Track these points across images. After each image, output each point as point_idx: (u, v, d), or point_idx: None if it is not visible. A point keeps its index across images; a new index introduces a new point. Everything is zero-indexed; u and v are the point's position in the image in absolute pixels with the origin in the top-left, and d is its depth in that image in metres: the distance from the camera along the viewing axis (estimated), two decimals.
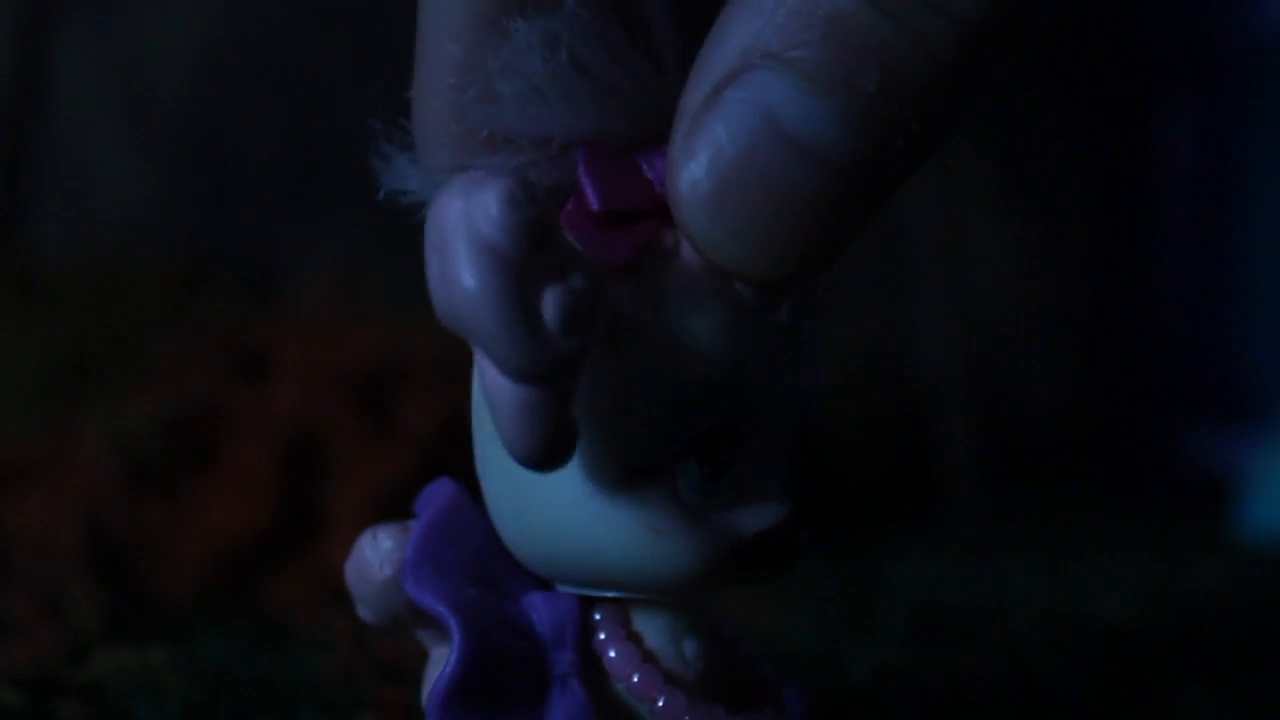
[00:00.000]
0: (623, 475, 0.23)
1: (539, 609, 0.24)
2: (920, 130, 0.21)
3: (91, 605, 0.49)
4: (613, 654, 0.24)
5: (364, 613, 0.25)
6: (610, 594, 0.24)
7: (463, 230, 0.20)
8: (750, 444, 0.23)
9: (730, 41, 0.22)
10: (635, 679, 0.24)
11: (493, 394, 0.21)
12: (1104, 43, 1.07)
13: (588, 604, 0.24)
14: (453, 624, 0.23)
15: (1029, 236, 1.07)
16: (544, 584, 0.24)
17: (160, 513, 0.53)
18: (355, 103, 0.23)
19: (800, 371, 0.24)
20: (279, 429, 0.55)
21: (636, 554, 0.23)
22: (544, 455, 0.22)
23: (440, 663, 0.24)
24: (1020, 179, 1.06)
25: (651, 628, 0.24)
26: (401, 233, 0.23)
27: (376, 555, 0.24)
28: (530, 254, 0.20)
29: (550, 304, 0.21)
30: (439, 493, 0.25)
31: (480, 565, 0.24)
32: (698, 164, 0.22)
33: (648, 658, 0.24)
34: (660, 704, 0.23)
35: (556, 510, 0.23)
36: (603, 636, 0.24)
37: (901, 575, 0.62)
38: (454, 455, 0.26)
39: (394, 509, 0.25)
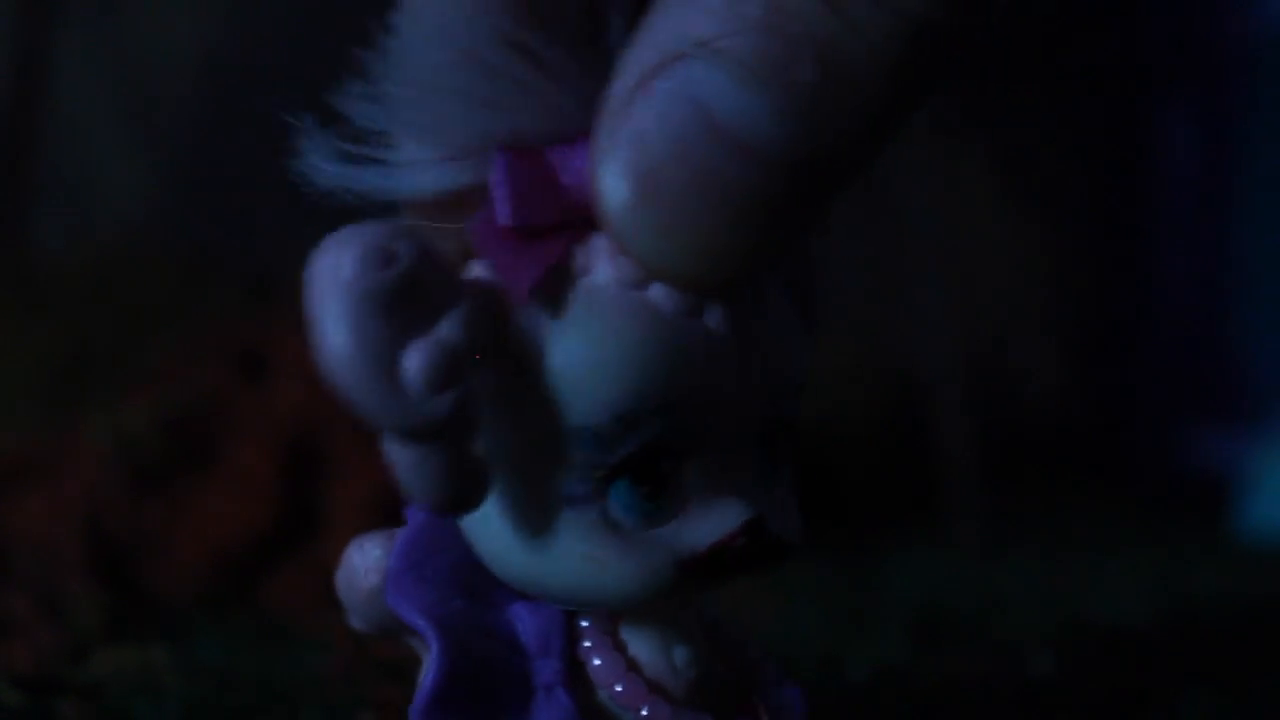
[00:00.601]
0: (554, 506, 0.22)
1: (524, 619, 0.24)
2: (858, 130, 0.20)
3: (91, 605, 0.49)
4: (598, 663, 0.24)
5: (354, 621, 0.25)
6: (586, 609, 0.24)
7: (325, 298, 0.20)
8: (701, 455, 0.23)
9: (662, 28, 0.20)
10: (619, 688, 0.23)
11: (387, 451, 0.21)
12: (1104, 43, 1.07)
13: (574, 614, 0.24)
14: (431, 636, 0.23)
15: (1029, 236, 1.07)
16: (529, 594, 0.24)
17: (160, 513, 0.53)
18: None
19: (752, 375, 0.23)
20: (279, 429, 0.55)
21: (577, 582, 0.23)
22: (447, 503, 0.21)
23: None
24: (1020, 179, 1.06)
25: (639, 636, 0.24)
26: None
27: (364, 564, 0.24)
28: (389, 318, 0.20)
29: (412, 364, 0.20)
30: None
31: (465, 575, 0.24)
32: (623, 157, 0.20)
33: (632, 666, 0.24)
34: (644, 713, 0.23)
35: (500, 539, 0.23)
36: (588, 645, 0.24)
37: (901, 575, 0.62)
38: None
39: (393, 509, 0.25)
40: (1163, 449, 1.01)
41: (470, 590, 0.24)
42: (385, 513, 0.25)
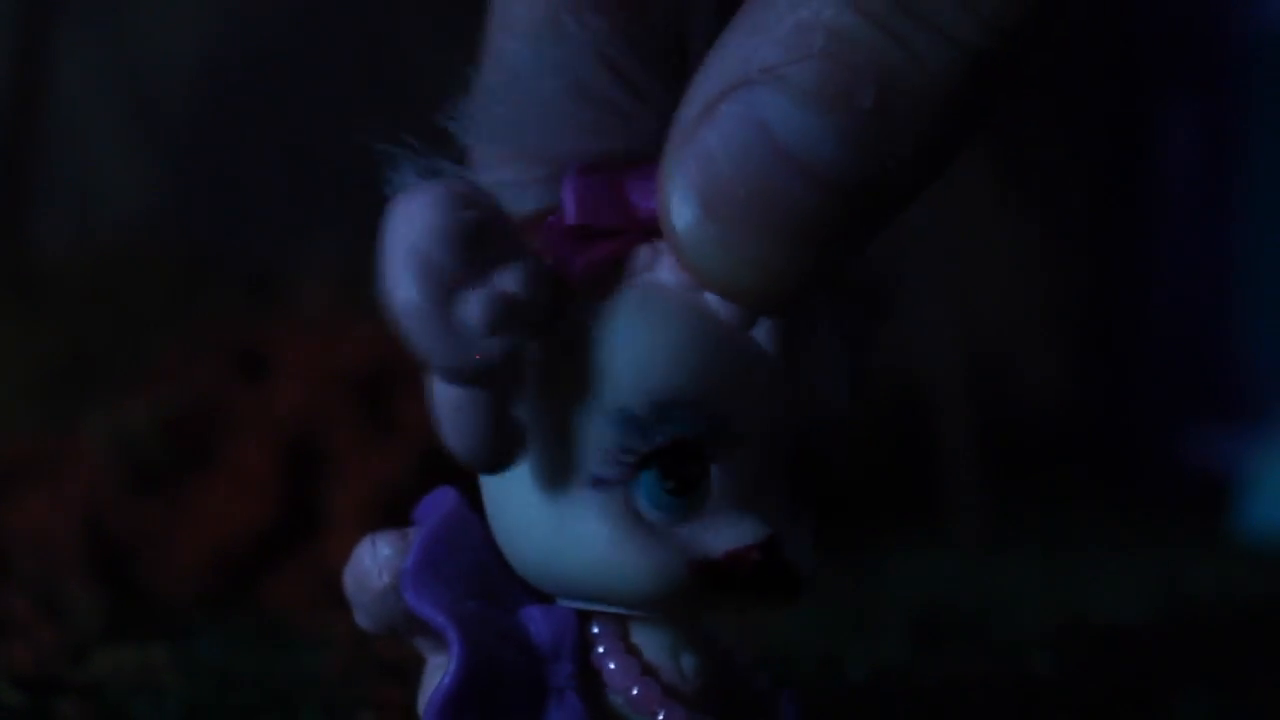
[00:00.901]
0: (582, 484, 0.23)
1: (537, 621, 0.24)
2: (915, 154, 0.21)
3: (91, 605, 0.49)
4: (613, 666, 0.24)
5: (361, 620, 0.25)
6: (601, 608, 0.24)
7: (398, 235, 0.21)
8: (729, 464, 0.23)
9: (729, 56, 0.21)
10: (635, 691, 0.23)
11: (432, 393, 0.22)
12: (1104, 42, 1.07)
13: (586, 618, 0.24)
14: (452, 635, 0.23)
15: (1029, 236, 1.07)
16: (543, 597, 0.24)
17: (160, 513, 0.53)
18: (355, 102, 0.23)
19: (789, 400, 0.23)
20: (279, 429, 0.55)
21: (594, 564, 0.23)
22: (483, 455, 0.22)
23: (438, 671, 0.24)
24: (1020, 179, 1.06)
25: (649, 642, 0.24)
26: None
27: (375, 563, 0.24)
28: (458, 256, 0.21)
29: (473, 306, 0.21)
30: (441, 502, 0.25)
31: (481, 577, 0.24)
32: (689, 175, 0.21)
33: (648, 670, 0.24)
34: (660, 717, 0.23)
35: (525, 514, 0.23)
36: (601, 650, 0.24)
37: (901, 575, 0.62)
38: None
39: (394, 509, 0.25)
40: (1163, 449, 1.01)
41: (485, 593, 0.24)
42: (385, 513, 0.25)
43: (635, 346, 0.22)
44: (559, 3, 0.23)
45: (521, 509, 0.23)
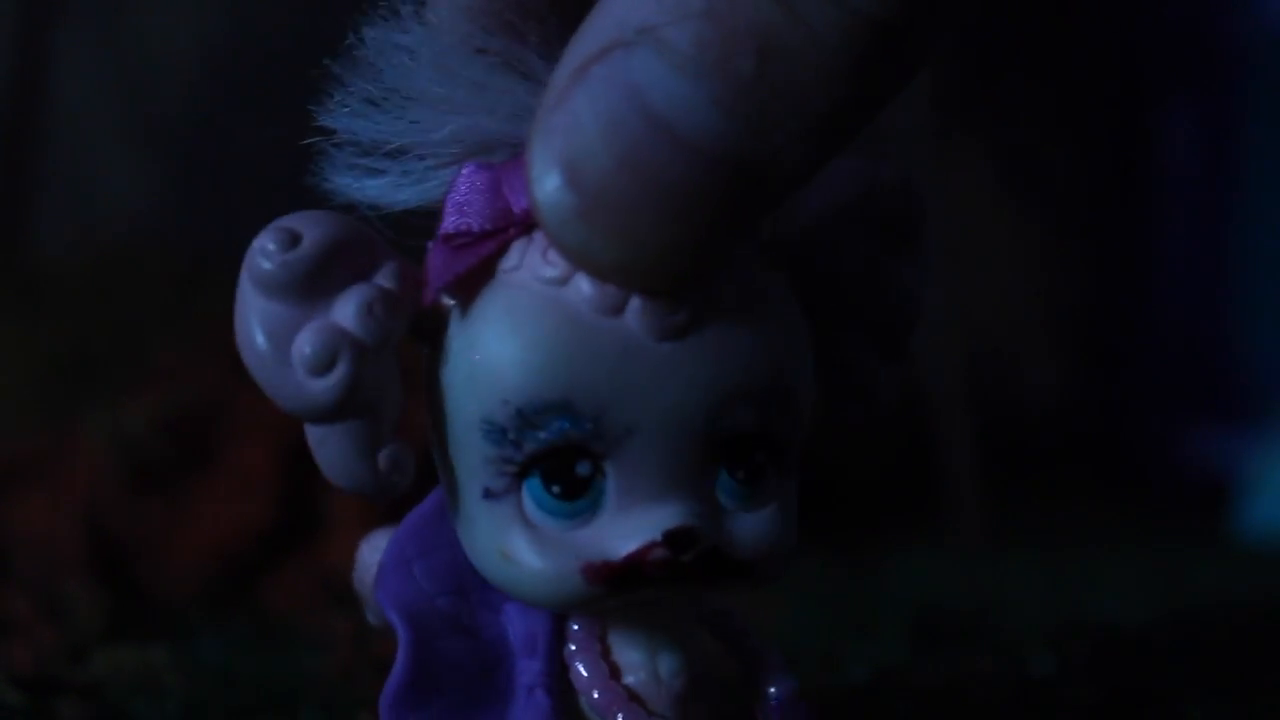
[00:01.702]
0: (478, 497, 0.23)
1: (513, 618, 0.24)
2: (801, 127, 0.19)
3: (91, 605, 0.49)
4: (579, 666, 0.23)
5: (370, 616, 0.26)
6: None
7: (240, 282, 0.22)
8: (620, 460, 0.22)
9: (607, 16, 0.20)
10: (596, 695, 0.23)
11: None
12: (1104, 42, 1.07)
13: (565, 616, 0.24)
14: (400, 630, 0.23)
15: (1029, 236, 1.07)
16: None
17: (160, 513, 0.53)
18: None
19: (688, 381, 0.22)
20: (279, 429, 0.55)
21: (497, 575, 0.23)
22: (361, 483, 0.22)
23: None
24: (1020, 179, 1.06)
25: (627, 641, 0.24)
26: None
27: (372, 559, 0.25)
28: (287, 296, 0.21)
29: (300, 349, 0.21)
30: (429, 499, 0.25)
31: (457, 573, 0.24)
32: (554, 143, 0.20)
33: (614, 673, 0.23)
34: None
35: (456, 528, 0.24)
36: (573, 648, 0.24)
37: (901, 575, 0.62)
38: None
39: (394, 509, 0.25)
40: (1163, 449, 1.01)
41: (461, 589, 0.24)
42: (385, 513, 0.25)
43: (497, 354, 0.22)
44: None
45: (452, 518, 0.24)
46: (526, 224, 0.22)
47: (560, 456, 0.22)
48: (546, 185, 0.20)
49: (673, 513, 0.22)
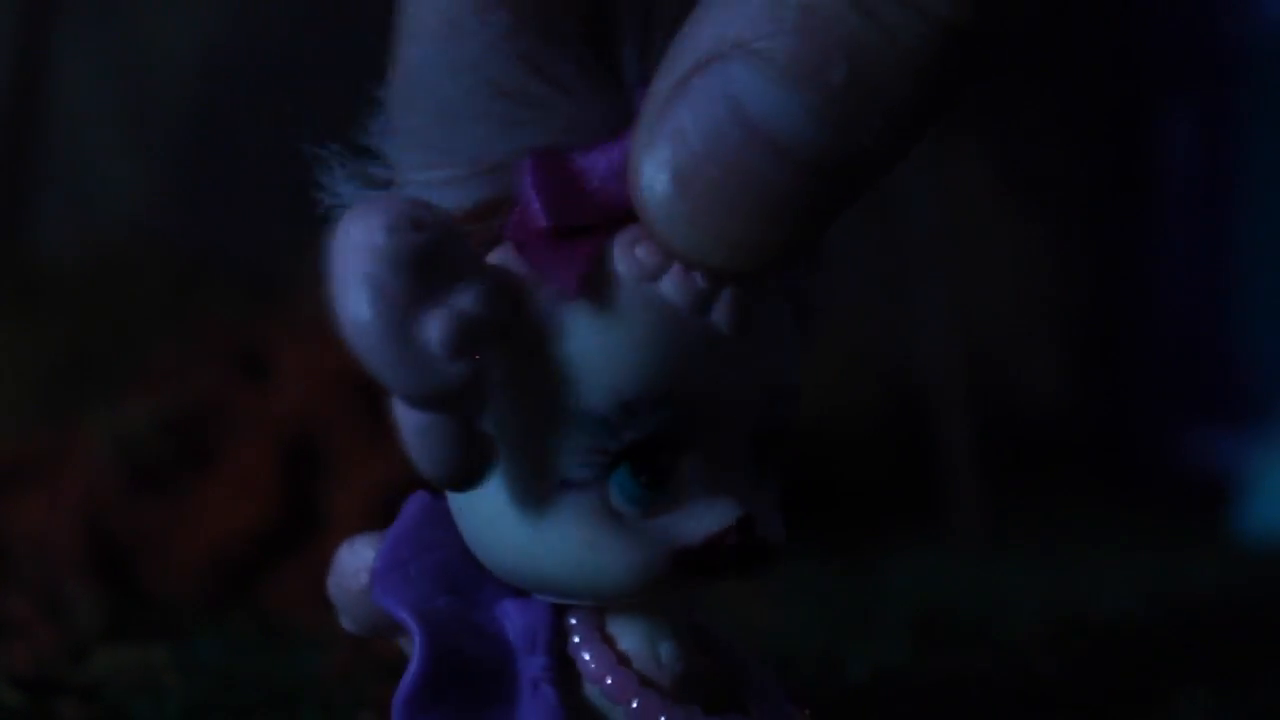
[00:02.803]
0: (554, 488, 0.23)
1: (512, 615, 0.24)
2: (886, 130, 0.21)
3: (91, 605, 0.49)
4: (587, 657, 0.24)
5: (345, 622, 0.26)
6: (575, 602, 0.24)
7: (349, 260, 0.21)
8: (698, 450, 0.23)
9: (702, 32, 0.21)
10: (609, 681, 0.24)
11: (397, 417, 0.22)
12: (1104, 42, 1.07)
13: (562, 609, 0.24)
14: (415, 630, 0.23)
15: (1029, 236, 1.07)
16: (518, 590, 0.24)
17: (160, 513, 0.53)
18: (355, 102, 0.23)
19: (749, 376, 0.23)
20: (279, 429, 0.55)
21: (572, 567, 0.23)
22: (452, 476, 0.22)
23: None
24: (1020, 179, 1.06)
25: (627, 632, 0.24)
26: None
27: (354, 564, 0.25)
28: (413, 281, 0.21)
29: (432, 331, 0.21)
30: (413, 503, 0.25)
31: (450, 574, 0.24)
32: (661, 151, 0.21)
33: (623, 660, 0.24)
34: (635, 705, 0.23)
35: (496, 523, 0.23)
36: (577, 640, 0.24)
37: (901, 575, 0.62)
38: None
39: (394, 509, 0.25)
40: (1163, 449, 1.01)
41: (456, 589, 0.24)
42: (385, 513, 0.25)
43: (599, 348, 0.22)
44: (461, 3, 0.23)
45: (493, 514, 0.23)
46: (615, 217, 0.23)
47: (650, 447, 0.23)
48: (657, 192, 0.22)
49: (738, 501, 0.23)
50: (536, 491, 0.23)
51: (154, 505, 0.53)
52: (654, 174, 0.21)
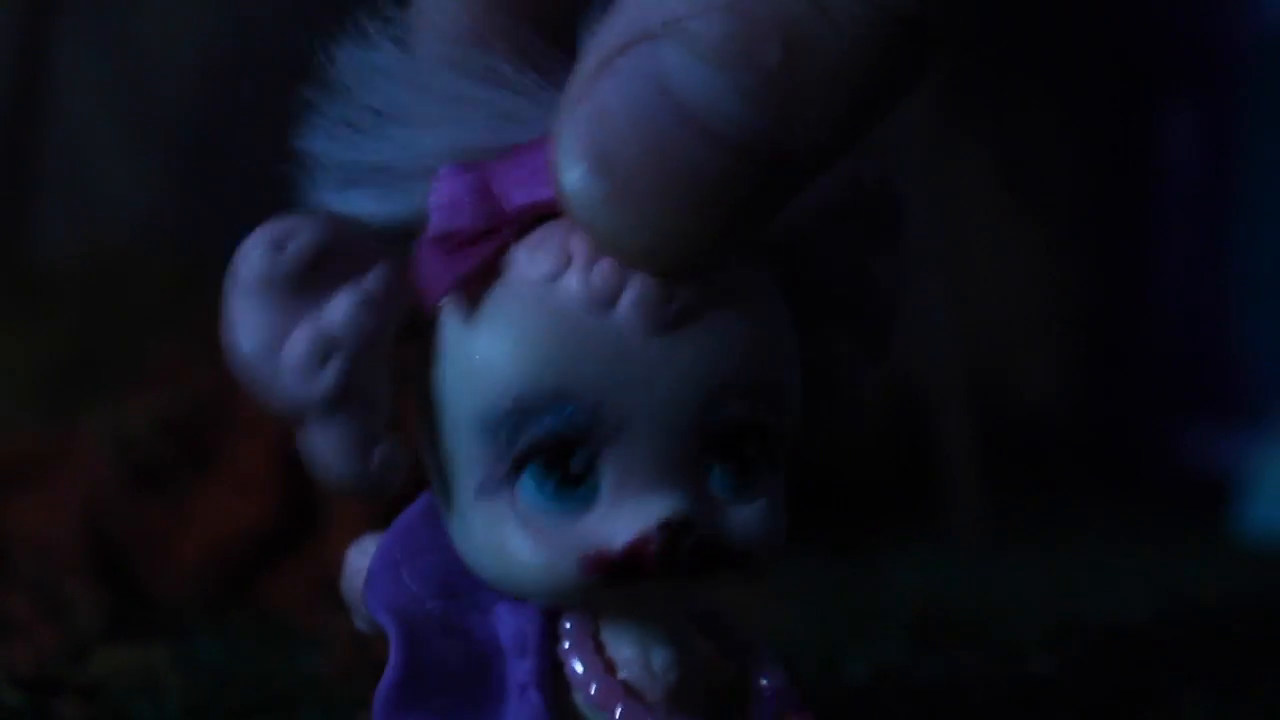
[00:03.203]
0: (469, 491, 0.23)
1: (504, 618, 0.24)
2: (824, 118, 0.20)
3: (91, 605, 0.49)
4: (575, 663, 0.23)
5: (358, 622, 0.26)
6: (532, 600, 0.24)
7: (228, 286, 0.22)
8: (616, 451, 0.22)
9: (631, 9, 0.20)
10: (593, 689, 0.23)
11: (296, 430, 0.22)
12: (1104, 42, 1.07)
13: (556, 613, 0.24)
14: (391, 632, 0.23)
15: (1029, 237, 1.07)
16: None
17: (160, 513, 0.53)
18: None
19: (681, 373, 0.22)
20: (279, 429, 0.54)
21: (494, 569, 0.23)
22: (353, 483, 0.22)
23: None
24: (1020, 179, 1.06)
25: (619, 638, 0.24)
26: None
27: (361, 564, 0.25)
28: (277, 299, 0.21)
29: (294, 345, 0.21)
30: (416, 504, 0.25)
31: (446, 576, 0.24)
32: (582, 132, 0.20)
33: (610, 668, 0.23)
34: (617, 714, 0.23)
35: (448, 526, 0.24)
36: (567, 645, 0.24)
37: (901, 575, 0.62)
38: None
39: (394, 509, 0.25)
40: (1163, 449, 1.01)
41: (452, 591, 0.24)
42: (385, 513, 0.25)
43: (493, 350, 0.22)
44: (424, 5, 0.23)
45: (444, 517, 0.24)
46: (520, 222, 0.22)
47: (556, 450, 0.22)
48: (575, 174, 0.20)
49: (668, 503, 0.22)
50: (458, 494, 0.23)
51: (154, 505, 0.53)
52: (572, 155, 0.20)
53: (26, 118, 0.75)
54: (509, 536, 0.22)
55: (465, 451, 0.23)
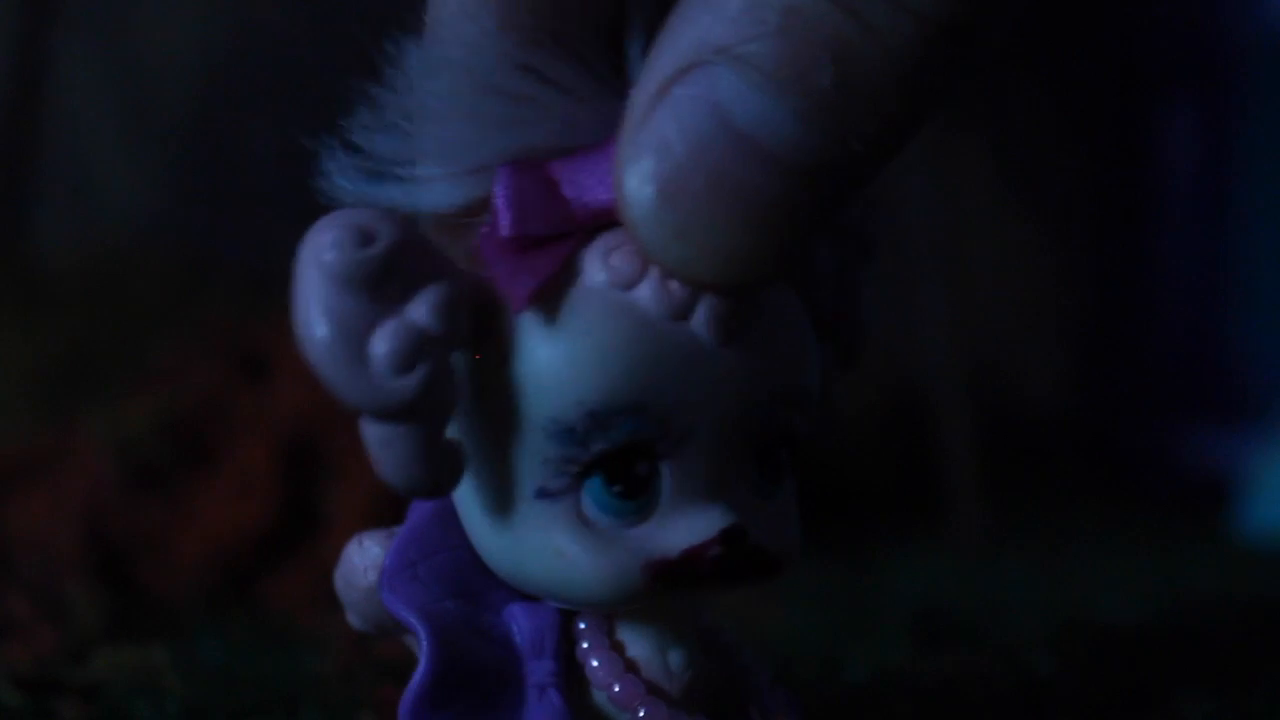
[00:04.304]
0: (527, 496, 0.23)
1: (519, 619, 0.24)
2: (876, 131, 0.20)
3: (91, 605, 0.49)
4: (595, 664, 0.24)
5: (353, 619, 0.25)
6: (572, 607, 0.24)
7: (301, 278, 0.21)
8: (681, 459, 0.23)
9: (682, 37, 0.21)
10: (617, 689, 0.23)
11: (360, 426, 0.22)
12: (1104, 42, 1.07)
13: (571, 614, 0.24)
14: (422, 633, 0.23)
15: (1029, 237, 1.07)
16: (527, 594, 0.24)
17: (160, 513, 0.53)
18: (355, 103, 0.23)
19: (742, 383, 0.23)
20: (279, 429, 0.55)
21: (547, 575, 0.23)
22: (418, 484, 0.22)
23: None
24: (1020, 179, 1.06)
25: (636, 638, 0.24)
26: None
27: (363, 561, 0.25)
28: (362, 297, 0.21)
29: (381, 345, 0.21)
30: (424, 502, 0.25)
31: (459, 576, 0.24)
32: (645, 162, 0.21)
33: (630, 667, 0.24)
34: (641, 714, 0.23)
35: (482, 526, 0.23)
36: (585, 646, 0.24)
37: (901, 575, 0.62)
38: None
39: (394, 509, 0.25)
40: (1163, 449, 1.01)
41: (465, 591, 0.24)
42: (385, 512, 0.25)
43: (566, 356, 0.22)
44: (461, 3, 0.23)
45: (480, 520, 0.23)
46: (592, 226, 0.22)
47: (623, 457, 0.22)
48: (643, 206, 0.21)
49: (725, 512, 0.23)
50: (510, 499, 0.23)
51: (154, 505, 0.53)
52: (638, 187, 0.21)
53: (26, 118, 0.75)
54: (571, 541, 0.23)
55: (528, 455, 0.23)
